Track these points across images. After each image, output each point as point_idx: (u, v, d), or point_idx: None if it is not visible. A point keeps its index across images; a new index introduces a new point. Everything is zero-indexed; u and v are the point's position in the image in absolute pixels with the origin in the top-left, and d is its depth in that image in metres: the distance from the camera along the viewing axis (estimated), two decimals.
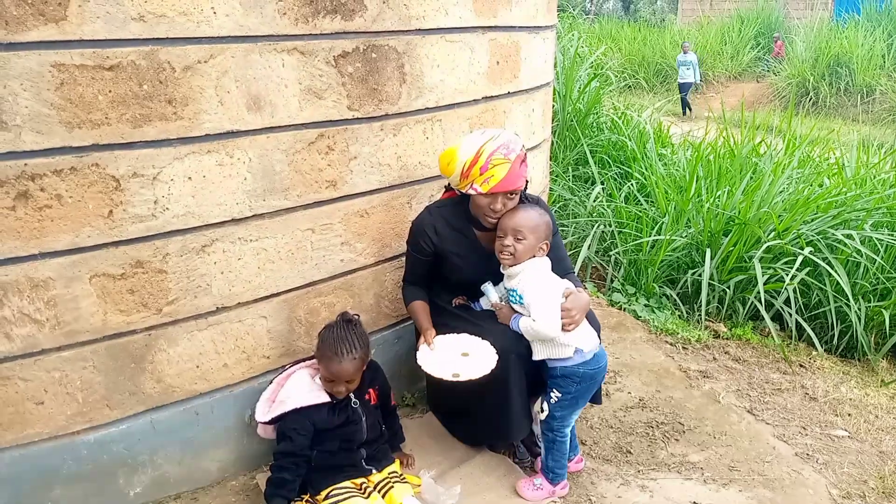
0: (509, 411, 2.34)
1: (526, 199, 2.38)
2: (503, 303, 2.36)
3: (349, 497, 2.13)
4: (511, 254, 2.22)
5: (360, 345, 2.17)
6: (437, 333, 2.40)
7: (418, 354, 2.34)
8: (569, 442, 2.37)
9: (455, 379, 2.23)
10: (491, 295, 2.38)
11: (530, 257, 2.24)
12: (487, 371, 2.23)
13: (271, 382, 2.30)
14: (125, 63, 1.89)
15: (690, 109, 15.05)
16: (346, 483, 2.18)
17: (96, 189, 1.94)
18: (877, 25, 16.00)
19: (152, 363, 2.17)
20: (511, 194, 2.24)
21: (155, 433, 2.22)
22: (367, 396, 2.28)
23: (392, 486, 2.20)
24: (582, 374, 2.24)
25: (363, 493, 2.18)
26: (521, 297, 2.23)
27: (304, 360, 2.35)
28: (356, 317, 2.25)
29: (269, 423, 2.23)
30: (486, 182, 2.18)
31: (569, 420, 2.32)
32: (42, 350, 2.00)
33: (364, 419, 2.25)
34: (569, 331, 2.20)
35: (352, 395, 2.23)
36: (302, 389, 2.21)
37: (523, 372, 2.32)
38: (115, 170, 1.95)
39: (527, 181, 2.32)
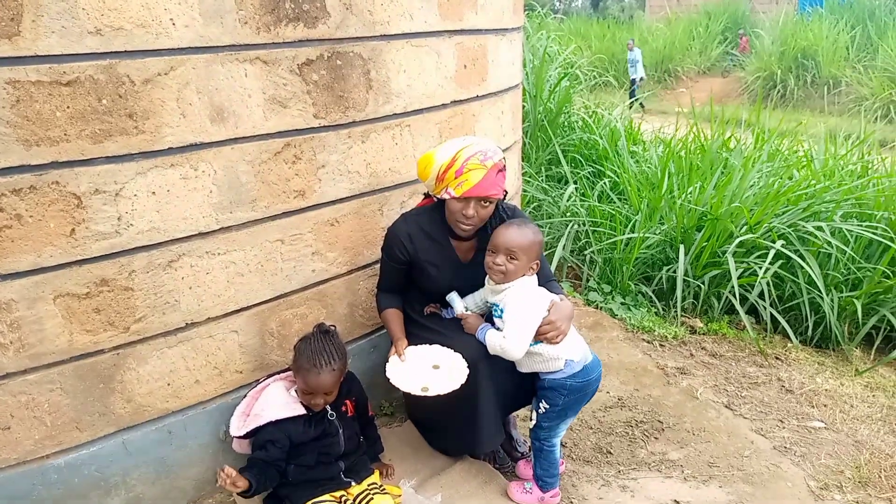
0: (478, 423, 2.31)
1: (502, 211, 2.36)
2: (468, 312, 2.34)
3: None
4: (502, 272, 2.17)
5: (338, 356, 2.14)
6: (409, 344, 2.37)
7: (388, 366, 2.30)
8: (559, 451, 2.35)
9: (424, 393, 2.19)
10: (456, 306, 2.35)
11: (522, 275, 2.19)
12: (457, 386, 2.18)
13: (245, 396, 2.27)
14: (83, 78, 1.85)
15: (642, 106, 14.97)
16: (326, 497, 2.15)
17: (57, 207, 1.89)
18: (840, 18, 16.27)
19: (122, 383, 2.12)
20: (485, 202, 2.21)
21: (127, 454, 2.17)
22: (343, 408, 2.25)
23: (372, 498, 2.18)
24: (570, 386, 2.21)
25: None
26: (501, 312, 2.20)
27: (278, 372, 2.31)
28: (332, 327, 2.22)
29: (244, 437, 2.19)
30: (460, 186, 2.16)
31: (557, 430, 2.30)
32: (6, 374, 1.94)
33: (341, 431, 2.22)
34: (557, 342, 2.16)
35: (328, 408, 2.20)
36: (277, 402, 2.18)
37: (494, 381, 2.29)
38: (76, 187, 1.91)
39: (505, 192, 2.28)
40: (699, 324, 3.95)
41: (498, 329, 2.22)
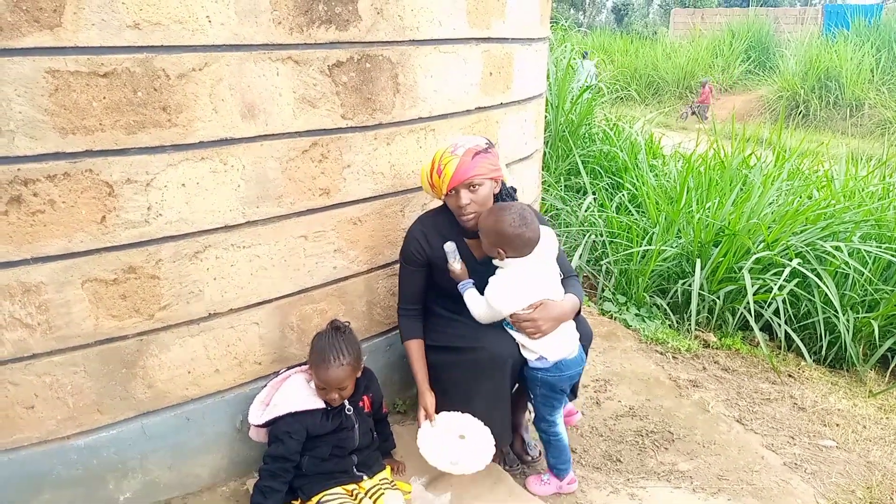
0: (497, 418, 2.37)
1: (503, 197, 2.43)
2: (459, 266, 2.40)
3: (340, 502, 2.13)
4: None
5: (348, 352, 2.18)
6: (432, 342, 2.44)
7: (420, 435, 2.37)
8: (565, 438, 2.44)
9: (453, 468, 2.28)
10: (450, 255, 2.40)
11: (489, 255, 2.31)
12: (483, 467, 2.31)
13: (265, 386, 2.31)
14: (120, 70, 1.90)
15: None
16: (338, 489, 2.18)
17: (89, 195, 1.95)
18: (865, 40, 16.17)
19: (144, 368, 2.17)
20: (472, 186, 2.29)
21: (146, 438, 2.22)
22: (360, 403, 2.29)
23: (383, 493, 2.21)
24: (541, 379, 2.34)
25: (354, 500, 2.18)
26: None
27: (298, 364, 2.35)
28: (346, 324, 2.26)
29: (262, 426, 2.23)
30: (444, 181, 2.29)
31: (553, 419, 2.40)
32: (33, 355, 1.99)
33: (357, 426, 2.25)
34: (534, 339, 2.28)
35: (346, 402, 2.24)
36: (297, 394, 2.21)
37: (512, 381, 2.37)
38: (109, 176, 1.96)
39: (496, 172, 2.34)
40: (713, 338, 3.95)
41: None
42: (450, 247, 2.40)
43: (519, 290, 2.27)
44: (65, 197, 1.91)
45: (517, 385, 2.50)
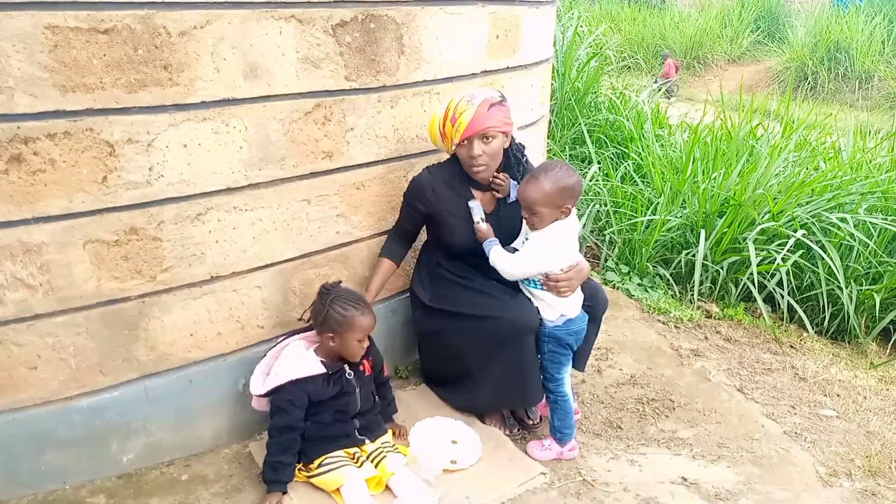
0: (526, 375, 2.39)
1: (523, 161, 2.47)
2: (483, 224, 2.42)
3: (342, 466, 2.15)
4: (531, 224, 2.31)
5: (362, 297, 2.25)
6: (439, 305, 2.47)
7: (416, 448, 2.38)
8: (571, 400, 2.46)
9: (454, 466, 2.31)
10: (475, 212, 2.43)
11: (553, 221, 2.28)
12: (476, 459, 2.36)
13: (265, 355, 2.31)
14: (120, 27, 1.87)
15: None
16: (339, 452, 2.19)
17: (90, 154, 1.93)
18: (878, 11, 15.92)
19: (146, 330, 2.17)
20: (486, 138, 2.31)
21: (148, 400, 2.22)
22: (361, 367, 2.29)
23: (385, 456, 2.22)
24: (548, 334, 2.36)
25: (356, 462, 2.19)
26: (526, 239, 2.35)
27: (297, 332, 2.35)
28: (338, 281, 2.30)
29: (264, 395, 2.23)
30: (457, 131, 2.29)
31: (558, 376, 2.41)
32: (35, 315, 1.99)
33: (358, 390, 2.26)
34: (565, 296, 2.31)
35: (346, 367, 2.24)
36: (297, 361, 2.21)
37: (534, 342, 2.40)
38: (110, 135, 1.94)
39: (508, 126, 2.38)
40: (715, 308, 3.94)
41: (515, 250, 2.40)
42: (475, 204, 2.43)
43: (562, 251, 2.30)
44: (65, 156, 1.89)
45: None
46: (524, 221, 2.36)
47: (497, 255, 2.36)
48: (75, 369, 2.09)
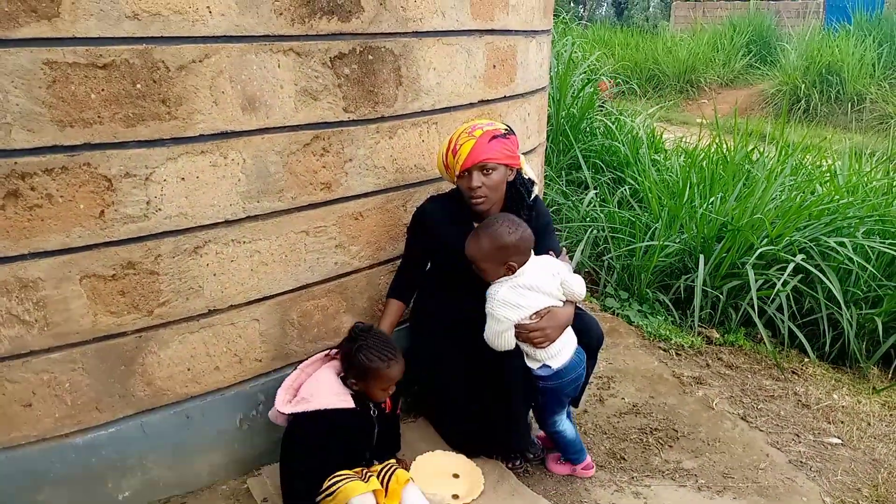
0: (513, 420, 2.37)
1: (525, 196, 2.44)
2: None
3: (348, 481, 2.09)
4: (485, 279, 2.28)
5: (395, 345, 2.23)
6: (434, 337, 2.44)
7: (413, 469, 2.35)
8: (571, 431, 2.45)
9: (455, 502, 2.29)
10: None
11: (500, 277, 2.25)
12: (478, 493, 2.31)
13: (295, 368, 2.27)
14: (119, 62, 1.87)
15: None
16: (346, 471, 2.15)
17: (88, 189, 1.91)
18: (867, 34, 16.10)
19: (143, 366, 2.14)
20: (486, 169, 2.28)
21: (145, 436, 2.19)
22: (383, 404, 2.27)
23: (394, 471, 2.18)
24: (541, 388, 2.34)
25: (363, 478, 2.15)
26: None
27: (330, 350, 2.30)
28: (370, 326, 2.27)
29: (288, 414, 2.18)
30: (458, 162, 2.28)
31: (552, 420, 2.40)
32: (30, 351, 1.96)
33: (377, 428, 2.24)
34: (542, 348, 2.25)
35: (371, 405, 2.22)
36: (328, 390, 2.17)
37: (524, 380, 2.36)
38: (107, 169, 1.93)
39: (512, 160, 2.35)
40: (716, 334, 3.92)
41: None
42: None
43: (521, 299, 2.23)
44: (63, 191, 1.88)
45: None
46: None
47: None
48: (71, 406, 2.06)
